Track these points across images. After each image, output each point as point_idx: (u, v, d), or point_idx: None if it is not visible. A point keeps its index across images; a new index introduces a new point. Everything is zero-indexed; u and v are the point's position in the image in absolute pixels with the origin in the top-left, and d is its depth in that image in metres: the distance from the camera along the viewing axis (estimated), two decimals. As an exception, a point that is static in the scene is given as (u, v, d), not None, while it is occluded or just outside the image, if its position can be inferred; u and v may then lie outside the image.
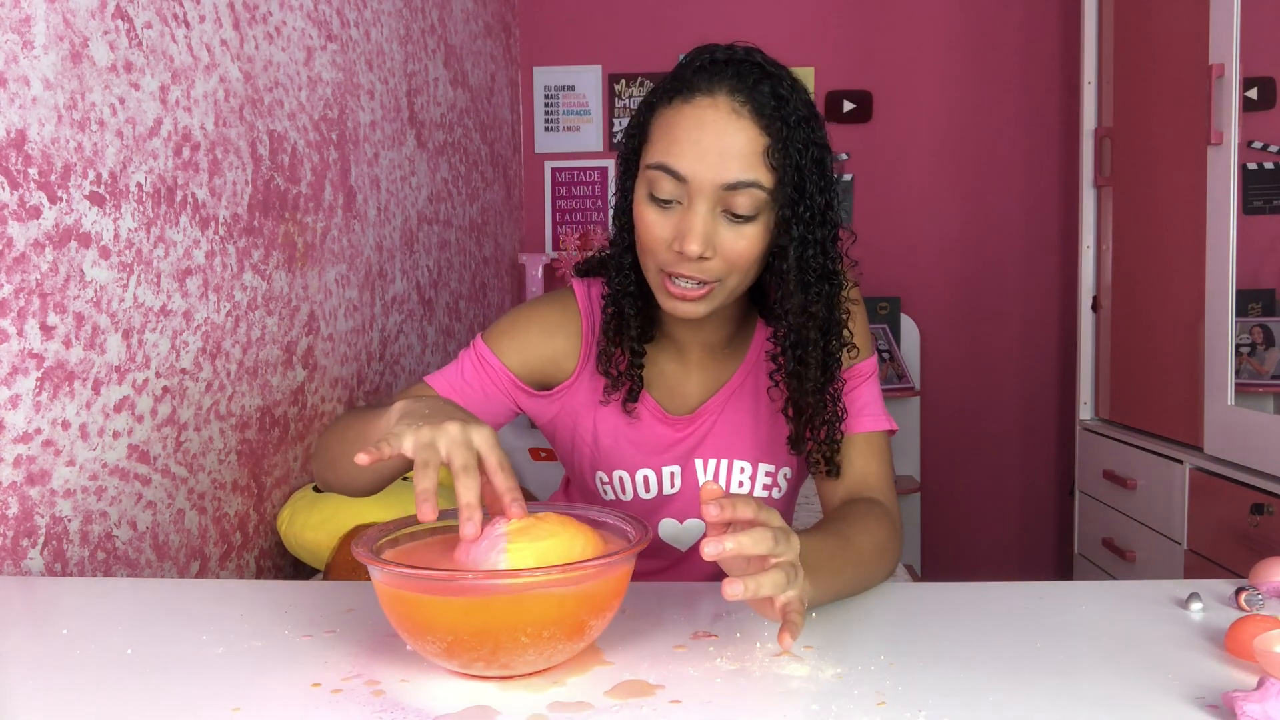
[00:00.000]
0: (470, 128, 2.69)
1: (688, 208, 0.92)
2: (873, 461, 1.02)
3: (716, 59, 0.94)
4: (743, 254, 0.93)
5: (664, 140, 0.93)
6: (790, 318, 0.96)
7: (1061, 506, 3.14)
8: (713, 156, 0.90)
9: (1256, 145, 2.05)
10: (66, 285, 1.11)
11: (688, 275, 0.93)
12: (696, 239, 0.91)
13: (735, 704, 0.64)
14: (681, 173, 0.91)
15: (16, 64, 1.03)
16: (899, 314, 3.12)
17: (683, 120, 0.92)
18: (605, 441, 1.08)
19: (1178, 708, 0.63)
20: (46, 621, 0.85)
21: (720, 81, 0.92)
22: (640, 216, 0.95)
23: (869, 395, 1.05)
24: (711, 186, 0.91)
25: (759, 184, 0.91)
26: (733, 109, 0.91)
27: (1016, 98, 3.10)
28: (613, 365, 1.04)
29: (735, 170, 0.90)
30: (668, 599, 0.86)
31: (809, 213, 0.94)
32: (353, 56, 1.91)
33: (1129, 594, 0.87)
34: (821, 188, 0.95)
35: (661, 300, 0.97)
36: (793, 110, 0.92)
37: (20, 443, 1.04)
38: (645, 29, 3.09)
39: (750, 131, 0.91)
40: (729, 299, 0.97)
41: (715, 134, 0.91)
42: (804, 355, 0.97)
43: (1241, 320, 2.01)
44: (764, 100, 0.91)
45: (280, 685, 0.68)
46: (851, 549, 0.88)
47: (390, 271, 2.10)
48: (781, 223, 0.93)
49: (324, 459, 0.99)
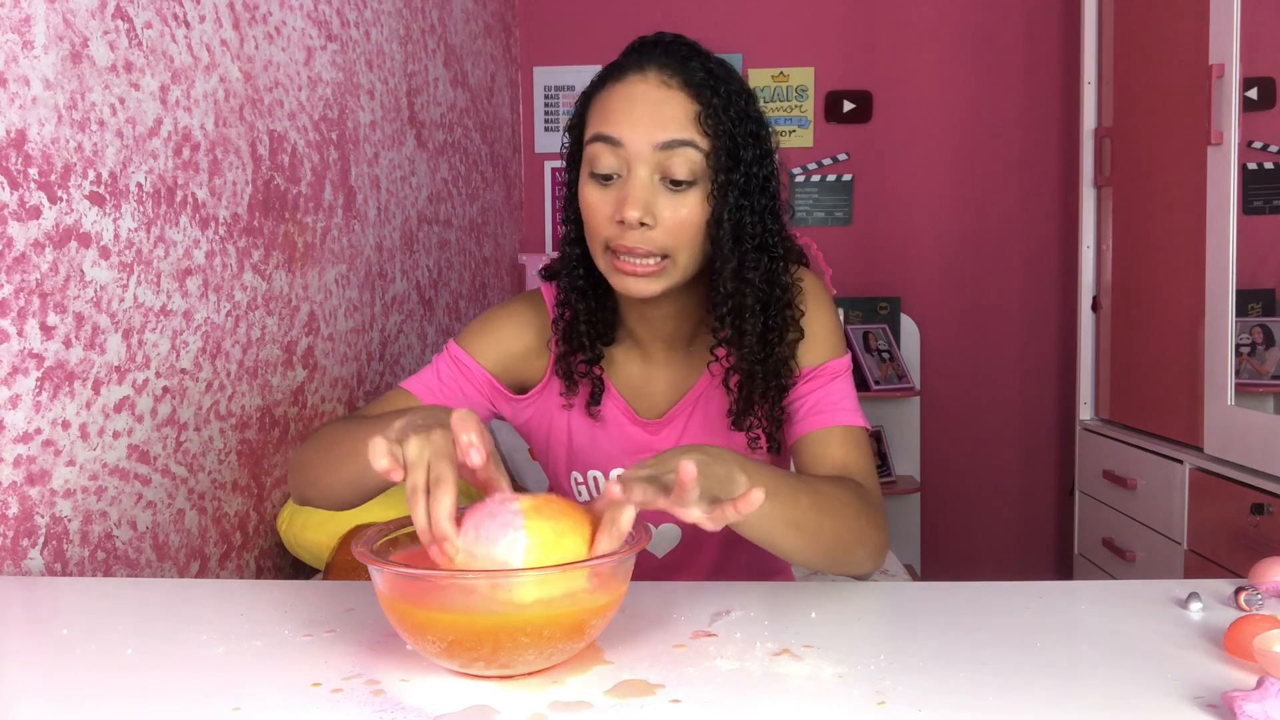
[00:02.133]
0: (470, 128, 2.69)
1: (626, 177, 0.93)
2: (853, 452, 0.99)
3: (646, 42, 0.99)
4: (684, 222, 0.93)
5: (599, 115, 0.96)
6: (726, 284, 0.96)
7: (1061, 506, 3.14)
8: (645, 121, 0.93)
9: (1256, 145, 2.05)
10: (66, 285, 1.11)
11: (632, 248, 0.93)
12: (636, 203, 0.91)
13: (735, 704, 0.64)
14: (617, 136, 0.93)
15: (16, 64, 1.03)
16: (899, 314, 3.12)
17: (614, 96, 0.95)
18: (579, 440, 1.08)
19: (1177, 707, 0.63)
20: (46, 621, 0.85)
21: (649, 60, 0.96)
22: (584, 199, 0.96)
23: (843, 392, 1.03)
24: (648, 148, 0.92)
25: (694, 144, 0.92)
26: (662, 81, 0.94)
27: (1017, 98, 3.10)
28: (569, 367, 1.04)
29: (670, 131, 0.92)
30: (668, 599, 0.86)
31: (744, 180, 0.95)
32: (353, 56, 1.91)
33: (1129, 594, 0.87)
34: (759, 159, 0.96)
35: (613, 281, 0.97)
36: (722, 83, 0.95)
37: (20, 443, 1.04)
38: (645, 29, 3.08)
39: (680, 98, 0.93)
40: (681, 278, 0.97)
41: (647, 102, 0.93)
42: (741, 324, 0.97)
43: (1241, 320, 2.01)
44: (693, 72, 0.94)
45: (280, 685, 0.68)
46: (810, 486, 0.86)
47: (390, 271, 2.10)
48: (718, 189, 0.94)
49: (306, 474, 0.97)
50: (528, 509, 0.70)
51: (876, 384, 2.96)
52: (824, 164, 3.16)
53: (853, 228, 3.18)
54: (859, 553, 0.90)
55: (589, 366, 1.04)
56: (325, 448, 0.94)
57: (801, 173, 3.16)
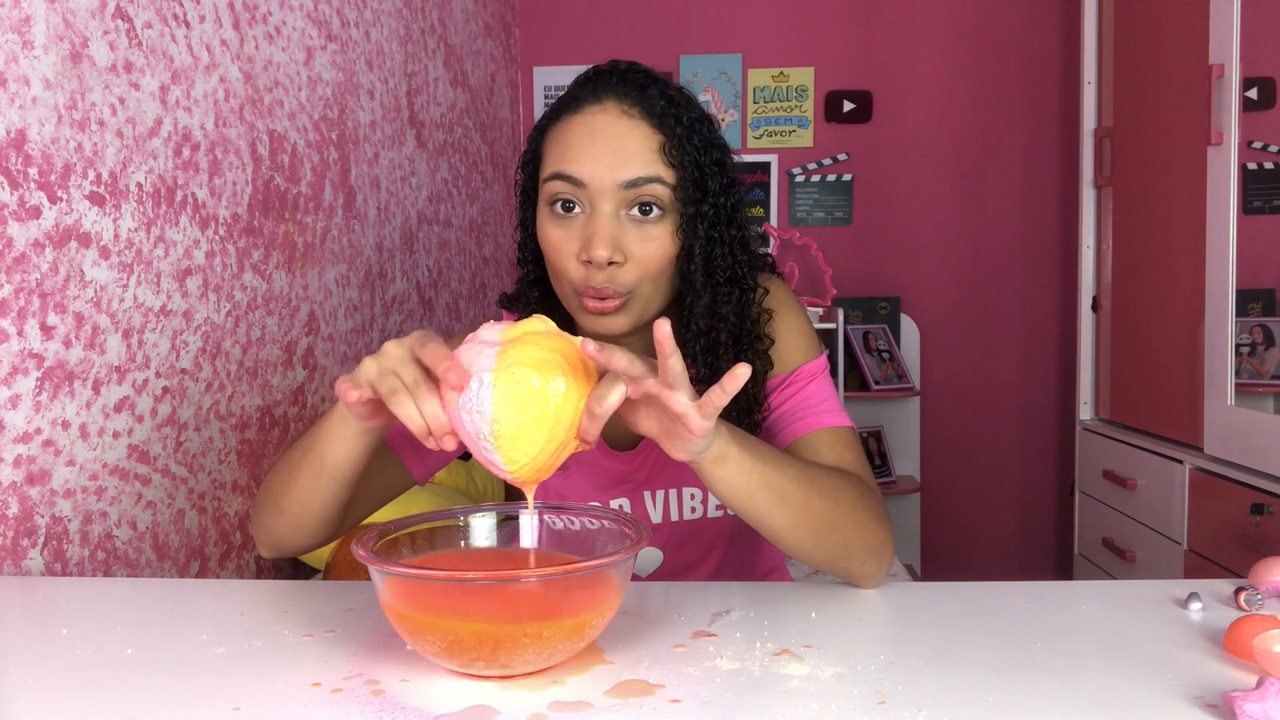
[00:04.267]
0: (470, 128, 2.69)
1: (590, 214, 0.89)
2: (845, 452, 0.94)
3: (600, 71, 0.93)
4: (653, 257, 0.90)
5: (557, 151, 0.91)
6: (699, 321, 0.93)
7: (1061, 506, 3.14)
8: (608, 158, 0.88)
9: (1256, 145, 2.05)
10: (66, 285, 1.11)
11: (600, 289, 0.89)
12: (604, 242, 0.87)
13: (735, 704, 0.64)
14: (579, 177, 0.88)
15: (16, 64, 1.03)
16: (899, 314, 3.12)
17: (573, 129, 0.90)
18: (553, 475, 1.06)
19: (1177, 707, 0.63)
20: (46, 621, 0.85)
21: (606, 89, 0.91)
22: (545, 236, 0.92)
23: (824, 393, 0.98)
24: (611, 187, 0.88)
25: (660, 179, 0.89)
26: (622, 111, 0.90)
27: (1016, 98, 3.11)
28: None
29: (634, 168, 0.88)
30: (668, 599, 0.86)
31: (714, 211, 0.92)
32: (353, 56, 1.91)
33: (1129, 594, 0.87)
34: (725, 188, 0.93)
35: (581, 321, 0.93)
36: (684, 111, 0.91)
37: (20, 443, 1.04)
38: (645, 29, 3.09)
39: (643, 129, 0.89)
40: (645, 311, 0.93)
41: (607, 136, 0.89)
42: (715, 361, 0.94)
43: (1241, 320, 2.01)
44: (653, 101, 0.90)
45: (280, 685, 0.68)
46: (800, 460, 0.83)
47: (390, 271, 2.10)
48: (686, 222, 0.90)
49: (269, 506, 0.91)
50: (507, 340, 0.70)
51: (876, 384, 2.96)
52: (824, 164, 3.16)
53: (853, 228, 3.18)
54: (858, 544, 0.85)
55: None
56: (278, 474, 0.90)
57: (801, 173, 3.16)
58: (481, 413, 0.68)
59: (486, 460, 0.71)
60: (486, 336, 0.71)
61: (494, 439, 0.69)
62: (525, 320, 0.73)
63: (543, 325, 0.72)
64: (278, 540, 0.92)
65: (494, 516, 0.82)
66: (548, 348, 0.70)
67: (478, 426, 0.69)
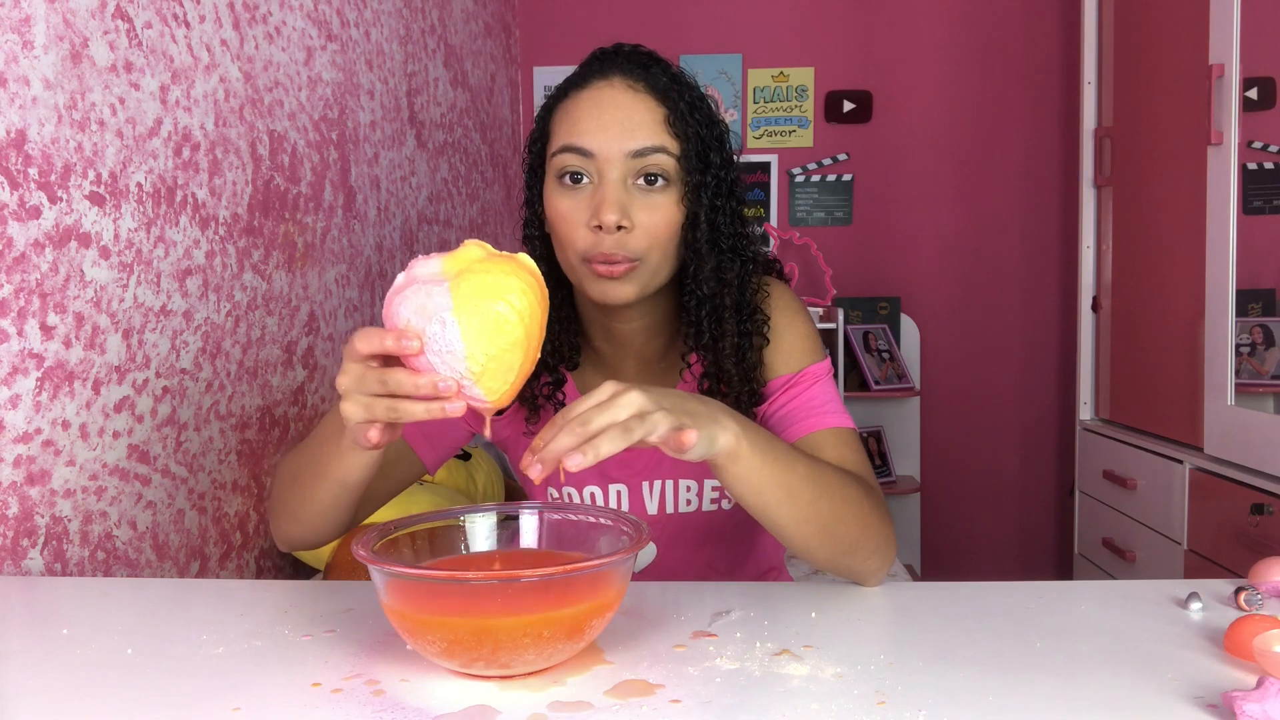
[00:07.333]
0: (470, 128, 2.69)
1: (599, 183, 0.92)
2: (848, 452, 0.96)
3: (606, 52, 0.98)
4: (660, 224, 0.93)
5: (565, 126, 0.95)
6: (704, 285, 0.96)
7: (1061, 506, 3.14)
8: (615, 128, 0.92)
9: (1256, 145, 2.05)
10: (66, 285, 1.11)
11: (609, 254, 0.91)
12: (613, 207, 0.90)
13: (735, 704, 0.64)
14: (588, 148, 0.92)
15: (16, 64, 1.03)
16: (899, 314, 3.12)
17: (581, 104, 0.94)
18: None
19: (1177, 707, 0.63)
20: (46, 621, 0.85)
21: (613, 67, 0.95)
22: (553, 208, 0.95)
23: (827, 394, 1.00)
24: (619, 156, 0.92)
25: (665, 149, 0.92)
26: (628, 85, 0.94)
27: (1016, 98, 3.11)
28: (532, 391, 1.02)
29: (641, 138, 0.92)
30: (668, 599, 0.86)
31: (715, 182, 0.95)
32: (353, 56, 1.91)
33: (1129, 594, 0.87)
34: (725, 163, 0.97)
35: (590, 288, 0.95)
36: (686, 89, 0.95)
37: (20, 443, 1.05)
38: (645, 29, 3.09)
39: (648, 103, 0.93)
40: (652, 281, 0.95)
41: (614, 108, 0.93)
42: (720, 326, 0.97)
43: (1241, 320, 2.01)
44: (657, 78, 0.94)
45: (280, 685, 0.68)
46: (811, 459, 0.85)
47: (390, 271, 2.10)
48: (691, 191, 0.94)
49: (285, 512, 0.94)
50: (451, 273, 0.69)
51: (876, 384, 2.96)
52: (824, 164, 3.16)
53: (853, 228, 3.18)
54: (863, 541, 0.86)
55: (553, 390, 1.02)
56: (290, 484, 0.93)
57: (801, 173, 3.16)
58: (453, 352, 0.67)
59: (462, 396, 0.70)
60: (425, 273, 0.69)
61: (472, 375, 0.68)
62: (461, 249, 0.71)
63: (480, 251, 0.71)
64: (296, 542, 0.97)
65: (494, 516, 0.82)
66: (497, 271, 0.69)
67: (451, 367, 0.68)
